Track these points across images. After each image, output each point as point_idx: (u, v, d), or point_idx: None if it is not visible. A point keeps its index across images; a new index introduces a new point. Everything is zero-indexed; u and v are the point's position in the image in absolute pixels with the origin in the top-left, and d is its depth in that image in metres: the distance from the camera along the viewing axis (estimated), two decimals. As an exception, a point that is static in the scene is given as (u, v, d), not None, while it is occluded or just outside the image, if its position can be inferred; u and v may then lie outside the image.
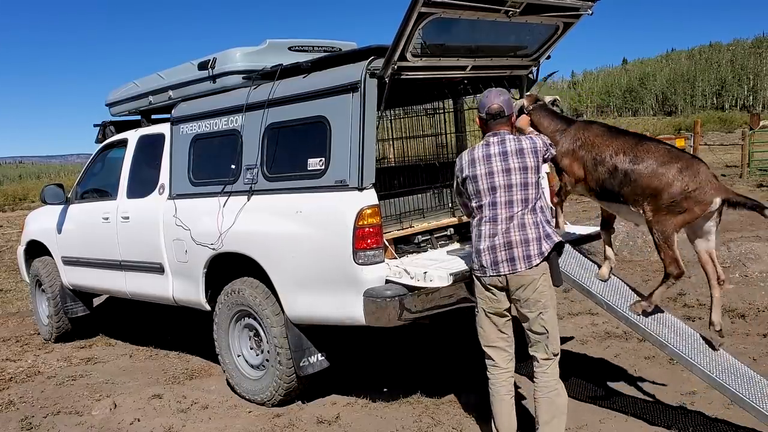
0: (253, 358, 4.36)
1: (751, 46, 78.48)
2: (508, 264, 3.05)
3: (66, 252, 5.94)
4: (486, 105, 3.18)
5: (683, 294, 6.03)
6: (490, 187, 3.08)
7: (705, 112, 56.87)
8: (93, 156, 6.01)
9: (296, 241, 3.81)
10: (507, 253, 3.05)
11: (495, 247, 3.06)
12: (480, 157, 3.12)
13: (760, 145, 19.18)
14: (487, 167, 3.09)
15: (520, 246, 3.04)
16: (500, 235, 3.06)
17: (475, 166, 3.12)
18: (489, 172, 3.08)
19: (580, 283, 3.71)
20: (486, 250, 3.08)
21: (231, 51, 4.48)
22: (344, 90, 3.62)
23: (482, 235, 3.10)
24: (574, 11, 3.90)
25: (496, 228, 3.07)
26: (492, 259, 3.07)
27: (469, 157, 3.17)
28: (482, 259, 3.09)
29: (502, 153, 3.10)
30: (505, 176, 3.07)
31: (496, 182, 3.07)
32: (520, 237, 3.05)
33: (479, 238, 3.12)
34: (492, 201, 3.08)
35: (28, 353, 6.02)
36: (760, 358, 4.40)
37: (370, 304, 3.49)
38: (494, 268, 3.07)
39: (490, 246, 3.07)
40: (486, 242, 3.08)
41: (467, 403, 4.00)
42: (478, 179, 3.10)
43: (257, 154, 4.11)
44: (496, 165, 3.09)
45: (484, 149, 3.14)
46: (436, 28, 3.50)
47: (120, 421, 4.19)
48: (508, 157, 3.09)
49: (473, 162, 3.14)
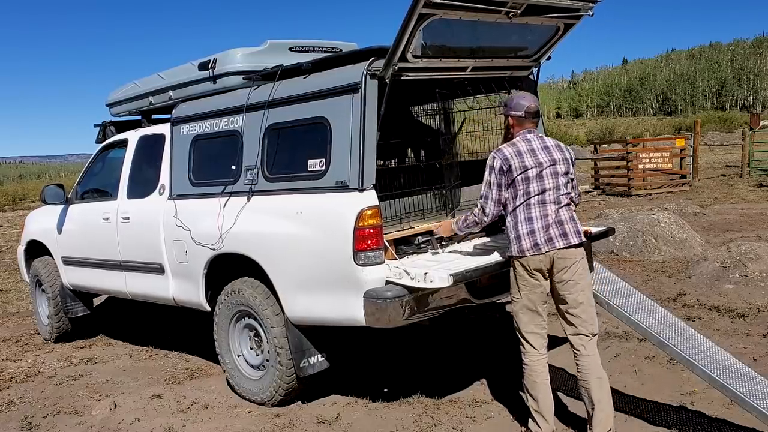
0: (253, 359, 4.36)
1: (751, 46, 78.44)
2: (562, 239, 3.31)
3: (66, 252, 5.94)
4: (524, 105, 3.45)
5: (683, 294, 6.04)
6: (538, 174, 3.35)
7: (705, 112, 56.88)
8: (93, 156, 6.01)
9: (296, 242, 3.81)
10: (559, 228, 3.32)
11: (548, 225, 3.32)
12: (525, 150, 3.39)
13: (760, 145, 19.21)
14: (534, 159, 3.37)
15: (569, 223, 3.36)
16: (551, 214, 3.33)
17: (522, 158, 3.37)
18: (538, 163, 3.37)
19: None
20: (540, 230, 3.31)
21: (231, 51, 4.48)
22: (345, 91, 3.62)
23: (533, 217, 3.33)
24: (575, 12, 3.90)
25: (546, 209, 3.34)
26: (546, 237, 3.30)
27: (513, 149, 3.40)
28: (536, 237, 3.31)
29: (544, 147, 3.43)
30: (551, 167, 3.38)
31: (543, 172, 3.36)
32: (568, 215, 3.39)
33: (529, 221, 3.33)
34: (541, 188, 3.35)
35: (28, 353, 6.02)
36: (760, 358, 4.40)
37: (370, 305, 3.49)
38: (549, 244, 3.30)
39: (543, 226, 3.32)
40: (538, 223, 3.32)
41: (467, 403, 4.01)
42: (528, 169, 3.35)
43: (257, 155, 4.11)
44: (541, 157, 3.39)
45: (526, 144, 3.42)
46: (437, 29, 3.51)
47: (120, 421, 4.20)
48: (551, 150, 3.43)
49: (519, 154, 3.38)
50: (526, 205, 3.34)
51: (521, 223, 3.34)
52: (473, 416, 3.84)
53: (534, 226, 3.32)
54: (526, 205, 3.34)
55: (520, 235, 3.33)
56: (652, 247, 7.72)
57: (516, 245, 3.35)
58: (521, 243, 3.33)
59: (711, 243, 8.30)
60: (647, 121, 59.59)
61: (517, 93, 3.57)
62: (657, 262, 7.36)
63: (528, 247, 3.31)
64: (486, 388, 4.26)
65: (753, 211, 11.58)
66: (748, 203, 12.89)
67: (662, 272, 6.88)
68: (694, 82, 69.66)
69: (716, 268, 6.31)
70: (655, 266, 7.18)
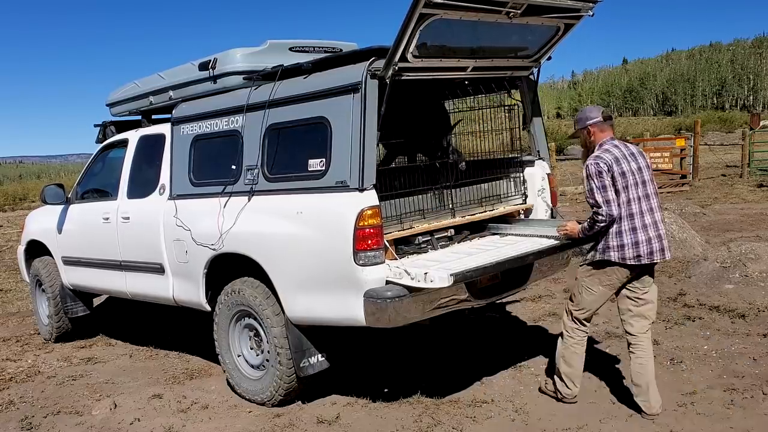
0: (253, 358, 4.36)
1: (751, 46, 78.48)
2: (661, 254, 3.60)
3: (66, 252, 5.94)
4: (599, 110, 3.69)
5: (683, 294, 6.04)
6: (635, 182, 3.55)
7: (705, 112, 56.87)
8: (93, 156, 6.01)
9: (297, 242, 3.81)
10: (659, 244, 3.59)
11: (651, 239, 3.56)
12: (620, 156, 3.55)
13: (760, 145, 19.18)
14: (628, 165, 3.55)
15: (665, 238, 3.63)
16: (651, 227, 3.57)
17: (621, 164, 3.53)
18: (637, 169, 3.57)
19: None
20: (644, 243, 3.54)
21: (232, 51, 4.48)
22: (345, 91, 3.62)
23: (637, 227, 3.54)
24: (575, 12, 3.90)
25: (647, 219, 3.56)
26: (649, 250, 3.55)
27: (611, 156, 3.54)
28: (640, 249, 3.54)
29: (632, 153, 3.62)
30: (640, 174, 3.58)
31: (638, 178, 3.56)
32: (663, 229, 3.63)
33: (633, 231, 3.53)
34: (638, 195, 3.55)
35: (28, 353, 6.02)
36: (761, 358, 4.40)
37: (370, 305, 3.49)
38: (650, 257, 3.57)
39: (647, 239, 3.55)
40: (643, 234, 3.54)
41: (467, 403, 4.01)
42: (626, 175, 3.53)
43: (258, 155, 4.11)
44: (634, 163, 3.57)
45: (618, 150, 3.58)
46: (437, 29, 3.50)
47: (120, 421, 4.20)
48: (637, 157, 3.61)
49: (617, 160, 3.53)
50: (629, 214, 3.54)
51: (626, 229, 3.54)
52: (473, 416, 3.84)
53: (640, 237, 3.54)
54: (629, 214, 3.54)
55: (625, 244, 3.54)
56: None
57: (617, 252, 3.56)
58: (624, 252, 3.55)
59: (711, 243, 8.30)
60: (647, 121, 59.58)
61: (582, 108, 3.85)
62: (657, 262, 7.36)
63: (630, 257, 3.55)
64: (486, 388, 4.26)
65: (753, 211, 11.57)
66: (748, 203, 12.88)
67: (662, 272, 6.87)
68: (694, 82, 69.68)
69: (716, 268, 6.31)
70: (655, 266, 7.18)
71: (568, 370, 3.83)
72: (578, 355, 3.84)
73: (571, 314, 3.82)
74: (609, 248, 3.59)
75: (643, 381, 3.69)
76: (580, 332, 3.83)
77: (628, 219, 3.55)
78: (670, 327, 5.18)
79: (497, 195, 4.75)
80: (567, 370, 3.84)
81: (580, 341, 3.83)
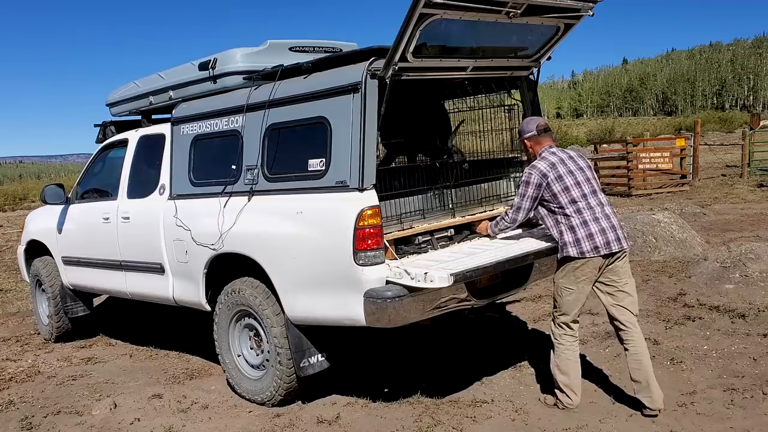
0: (253, 358, 4.36)
1: (751, 46, 78.49)
2: (617, 243, 3.65)
3: (66, 252, 5.94)
4: (535, 123, 3.85)
5: (683, 294, 6.04)
6: (576, 182, 3.70)
7: (705, 112, 56.89)
8: (93, 156, 6.01)
9: (297, 242, 3.81)
10: (614, 234, 3.66)
11: (605, 229, 3.64)
12: (557, 161, 3.74)
13: (760, 145, 19.19)
14: (566, 167, 3.72)
15: (619, 229, 3.70)
16: (602, 219, 3.66)
17: (557, 168, 3.71)
18: (570, 171, 3.71)
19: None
20: (597, 233, 3.63)
21: (232, 51, 4.48)
22: (345, 91, 3.62)
23: (587, 220, 3.65)
24: (575, 12, 3.90)
25: (596, 213, 3.67)
26: (605, 240, 3.62)
27: (546, 163, 3.73)
28: (596, 241, 3.62)
29: (570, 157, 3.80)
30: (581, 173, 3.74)
31: (580, 177, 3.72)
32: (616, 221, 3.72)
33: (585, 224, 3.64)
34: (582, 193, 3.69)
35: (28, 353, 6.02)
36: (760, 358, 4.40)
37: (370, 305, 3.49)
38: (607, 248, 3.62)
39: (599, 229, 3.63)
40: (594, 226, 3.64)
41: (467, 403, 4.01)
42: (566, 177, 3.69)
43: (258, 155, 4.11)
44: (571, 165, 3.74)
45: (554, 156, 3.77)
46: (437, 29, 3.50)
47: (120, 421, 4.19)
48: (576, 160, 3.80)
49: (554, 165, 3.72)
50: (575, 211, 3.66)
51: (578, 226, 3.64)
52: (473, 416, 3.84)
53: (592, 229, 3.63)
54: (575, 211, 3.66)
55: (579, 238, 3.63)
56: (653, 247, 7.72)
57: (575, 248, 3.64)
58: (581, 245, 3.63)
59: (711, 243, 8.30)
60: (647, 121, 59.63)
61: (524, 120, 4.03)
62: (657, 262, 7.36)
63: (587, 249, 3.62)
64: (486, 388, 4.26)
65: (753, 211, 11.57)
66: (748, 203, 12.88)
67: (662, 272, 6.88)
68: (694, 82, 69.69)
69: (716, 268, 6.31)
70: (655, 266, 7.18)
71: (564, 379, 3.81)
72: (572, 361, 3.81)
73: (556, 320, 3.83)
74: (567, 245, 3.67)
75: (642, 377, 3.70)
76: (569, 337, 3.80)
77: (576, 215, 3.66)
78: (670, 327, 5.18)
79: (497, 195, 4.75)
80: (564, 380, 3.81)
81: (570, 347, 3.81)
